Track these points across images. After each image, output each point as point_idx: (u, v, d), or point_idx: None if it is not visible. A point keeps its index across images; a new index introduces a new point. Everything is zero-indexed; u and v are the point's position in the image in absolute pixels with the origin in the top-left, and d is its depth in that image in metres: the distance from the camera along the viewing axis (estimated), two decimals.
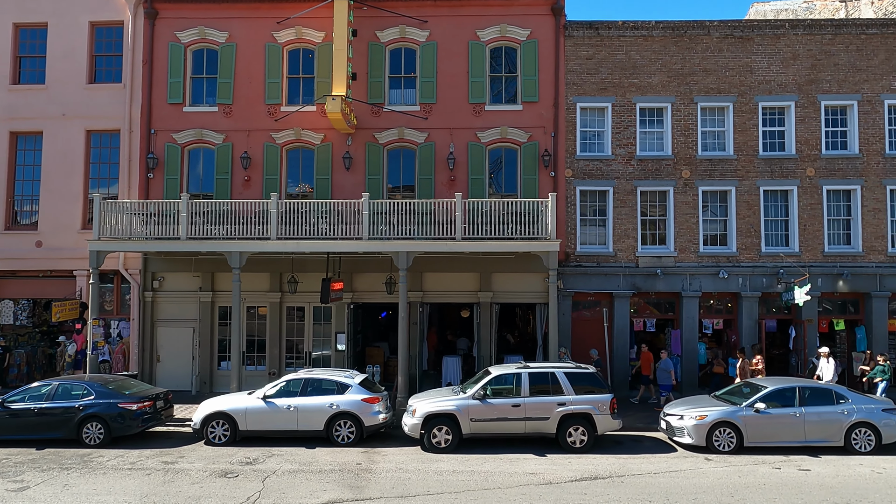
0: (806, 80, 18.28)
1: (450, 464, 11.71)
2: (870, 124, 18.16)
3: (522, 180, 18.42)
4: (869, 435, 12.38)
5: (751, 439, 12.46)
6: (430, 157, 18.50)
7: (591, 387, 12.83)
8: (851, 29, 18.23)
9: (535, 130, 18.47)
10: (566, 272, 18.10)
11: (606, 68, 18.48)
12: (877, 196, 18.07)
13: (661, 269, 17.98)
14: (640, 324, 18.60)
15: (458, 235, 15.54)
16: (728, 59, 18.37)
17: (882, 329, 17.91)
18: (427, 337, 21.86)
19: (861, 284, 17.91)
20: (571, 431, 12.57)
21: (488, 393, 12.77)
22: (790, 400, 12.65)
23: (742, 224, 18.16)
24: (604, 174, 18.40)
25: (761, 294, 18.00)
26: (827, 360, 15.39)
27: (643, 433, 14.20)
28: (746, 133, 18.29)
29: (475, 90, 18.54)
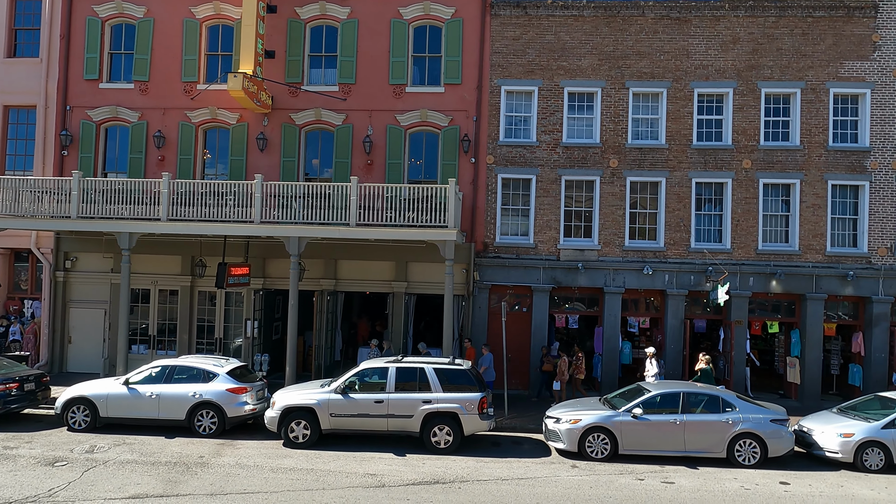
0: (746, 65, 17.11)
1: (296, 461, 11.10)
2: (813, 114, 16.95)
3: (442, 166, 17.62)
4: (754, 447, 11.46)
5: (626, 447, 11.62)
6: (347, 139, 17.77)
7: (462, 385, 12.08)
8: (797, 11, 16.98)
9: (457, 114, 17.62)
10: (484, 264, 17.31)
11: (534, 50, 17.52)
12: (817, 191, 16.90)
13: (584, 263, 17.07)
14: (562, 320, 17.74)
15: (353, 221, 14.83)
16: (663, 41, 17.27)
17: (817, 332, 16.81)
18: (358, 326, 21.41)
19: (797, 285, 16.80)
20: (436, 431, 11.87)
21: (353, 387, 12.11)
22: (673, 406, 11.76)
23: (671, 218, 17.14)
24: (527, 161, 17.49)
25: (688, 292, 17.00)
26: (650, 362, 15.14)
27: (531, 435, 13.43)
28: (680, 121, 17.22)
29: (396, 71, 17.73)
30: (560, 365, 15.22)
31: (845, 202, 17.01)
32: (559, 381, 15.19)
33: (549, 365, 15.91)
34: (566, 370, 15.24)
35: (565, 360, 15.24)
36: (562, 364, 15.20)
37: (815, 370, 16.82)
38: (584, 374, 15.74)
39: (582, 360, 15.78)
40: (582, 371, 15.65)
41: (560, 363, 15.23)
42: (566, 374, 15.25)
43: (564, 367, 15.20)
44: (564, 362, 15.21)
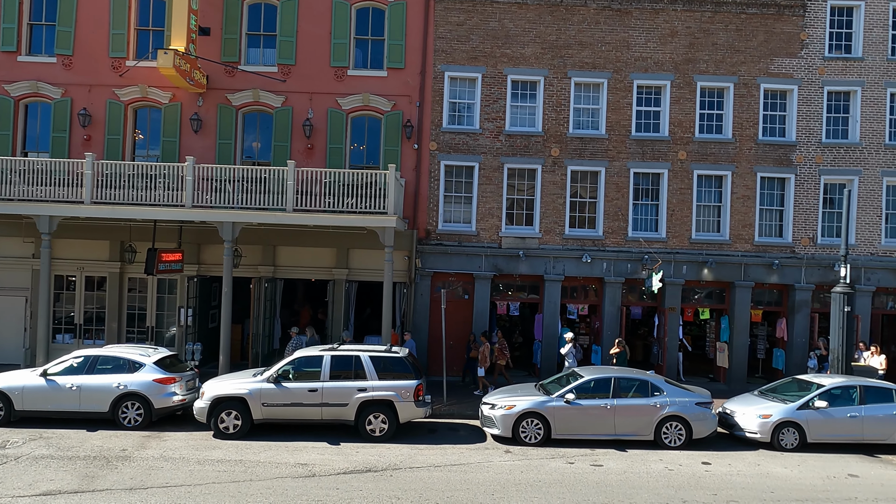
0: (683, 59, 17.52)
1: (225, 452, 10.81)
2: (745, 108, 17.54)
3: (384, 152, 17.37)
4: (680, 429, 11.87)
5: (559, 431, 11.83)
6: (286, 122, 17.28)
7: (398, 372, 12.01)
8: (731, 7, 17.47)
9: (399, 99, 17.38)
10: (426, 251, 17.22)
11: (478, 36, 17.42)
12: (747, 183, 17.54)
13: (525, 250, 17.22)
14: (504, 307, 17.89)
15: (290, 206, 14.46)
16: (605, 32, 17.48)
17: (744, 318, 17.53)
18: (300, 314, 21.02)
19: (726, 273, 17.45)
20: (371, 419, 11.78)
21: (287, 376, 11.86)
22: (604, 391, 12.03)
23: (610, 207, 17.47)
24: (471, 149, 17.45)
25: (625, 280, 17.41)
26: (568, 347, 15.53)
27: (468, 421, 13.50)
28: (620, 112, 17.51)
29: (338, 53, 17.31)
30: (482, 351, 15.32)
31: (773, 194, 17.73)
32: (482, 366, 15.31)
33: (475, 351, 16.00)
34: (488, 356, 15.36)
35: (487, 346, 15.37)
36: (484, 350, 15.31)
37: (742, 354, 17.56)
38: (506, 360, 15.88)
39: (505, 345, 15.92)
40: (504, 357, 15.79)
41: (482, 349, 15.32)
42: (489, 360, 15.38)
43: (486, 353, 15.32)
44: (487, 348, 15.34)
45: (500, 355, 15.77)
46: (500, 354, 15.77)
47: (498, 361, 15.79)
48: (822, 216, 17.65)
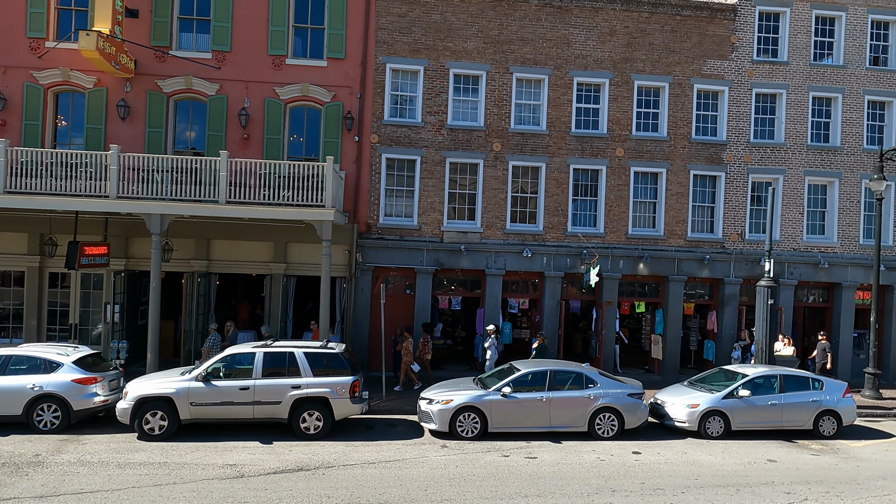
0: (621, 57, 17.88)
1: (149, 454, 10.34)
2: (679, 108, 18.08)
3: (324, 144, 17.00)
4: (612, 420, 12.14)
5: (496, 425, 11.90)
6: (221, 111, 16.67)
7: (334, 369, 11.78)
8: (667, 9, 17.94)
9: (340, 90, 17.04)
10: (367, 245, 16.99)
11: (420, 28, 17.26)
12: (681, 181, 18.10)
13: (466, 245, 17.23)
14: (446, 301, 17.87)
15: (222, 198, 13.95)
16: (546, 29, 17.63)
17: (677, 311, 18.12)
18: (238, 309, 20.39)
19: (661, 268, 17.98)
20: (305, 417, 11.52)
21: (217, 374, 11.45)
22: (540, 384, 12.17)
23: (550, 202, 17.69)
24: (412, 142, 17.30)
25: (564, 274, 17.69)
26: (486, 339, 15.82)
27: (407, 417, 13.41)
28: (560, 108, 17.73)
29: (276, 40, 16.80)
30: (405, 346, 15.25)
31: (704, 191, 18.37)
32: (403, 361, 15.26)
33: (401, 346, 15.92)
34: (410, 351, 15.30)
35: (410, 341, 15.32)
36: (407, 345, 15.24)
37: (675, 346, 18.15)
38: (430, 354, 15.94)
39: (429, 341, 15.94)
40: (429, 351, 15.82)
41: (406, 344, 15.25)
42: (410, 355, 15.32)
43: (410, 348, 15.26)
44: (410, 343, 15.28)
45: (426, 350, 15.74)
46: (425, 350, 15.74)
47: (424, 356, 15.79)
48: (750, 213, 18.41)
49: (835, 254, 18.55)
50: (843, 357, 18.62)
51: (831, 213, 18.67)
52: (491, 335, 15.79)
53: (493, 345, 15.77)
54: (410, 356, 15.27)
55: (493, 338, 15.81)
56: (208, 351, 14.08)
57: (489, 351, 15.73)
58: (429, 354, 15.95)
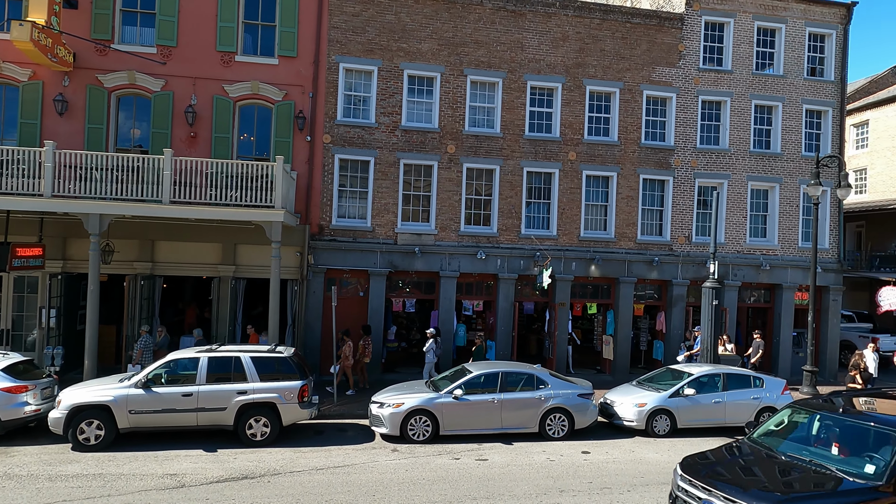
0: (574, 62, 18.15)
1: (84, 466, 9.85)
2: (629, 113, 18.47)
3: (275, 144, 16.64)
4: (563, 420, 12.26)
5: (447, 427, 11.84)
6: (166, 108, 16.11)
7: (282, 373, 11.51)
8: (618, 16, 18.33)
9: (292, 89, 16.72)
10: (319, 247, 16.71)
11: (374, 28, 17.11)
12: (631, 184, 18.49)
13: (421, 247, 17.15)
14: (400, 304, 17.74)
15: (166, 198, 13.47)
16: (500, 32, 17.74)
17: (628, 313, 18.49)
18: (185, 313, 19.77)
19: (612, 270, 18.31)
20: (252, 423, 11.21)
21: (159, 380, 11.02)
22: (492, 386, 12.19)
23: (504, 205, 17.79)
24: (366, 143, 17.12)
25: (518, 276, 17.81)
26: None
27: (358, 421, 13.21)
28: (514, 111, 17.86)
29: (225, 37, 16.36)
30: (344, 349, 14.97)
31: (654, 195, 18.82)
32: (343, 364, 14.96)
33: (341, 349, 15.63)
34: (350, 354, 15.04)
35: (349, 344, 15.01)
36: (346, 348, 14.96)
37: (625, 346, 18.51)
38: (369, 358, 15.71)
39: (370, 344, 15.70)
40: (368, 354, 15.58)
41: (344, 347, 14.98)
42: (350, 359, 15.05)
43: (348, 352, 14.98)
44: (349, 346, 14.99)
45: (365, 353, 15.54)
46: (364, 353, 15.55)
47: (363, 360, 15.58)
48: (696, 216, 18.96)
49: (776, 256, 19.29)
50: (783, 355, 19.38)
51: (772, 217, 19.41)
52: (430, 339, 15.74)
53: (432, 348, 15.72)
54: (349, 359, 15.00)
55: (432, 341, 15.75)
56: (140, 354, 13.61)
57: (428, 354, 15.70)
58: (367, 358, 15.65)
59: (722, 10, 18.98)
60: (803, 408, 8.37)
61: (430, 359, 15.79)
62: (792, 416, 8.42)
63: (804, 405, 8.45)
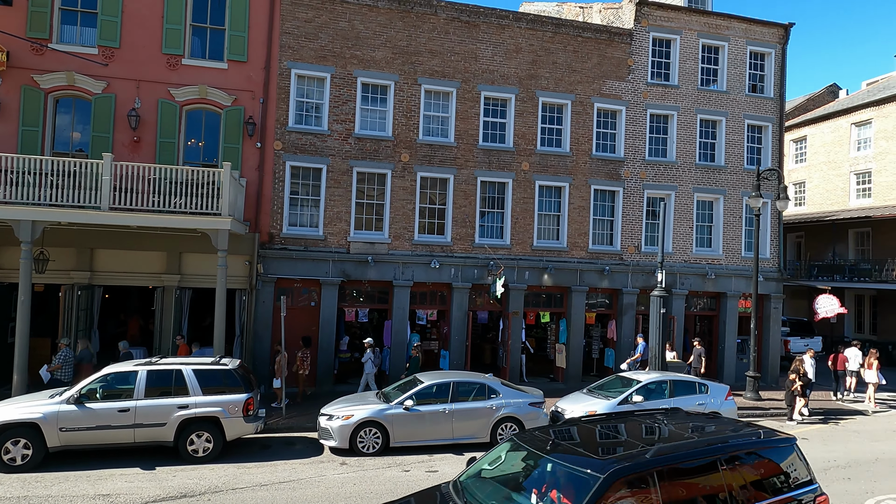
0: (527, 74, 18.39)
1: (8, 488, 9.25)
2: (581, 125, 18.82)
3: (224, 150, 16.22)
4: (514, 429, 12.25)
5: (398, 439, 11.68)
6: (108, 111, 15.51)
7: (227, 386, 11.13)
8: (569, 30, 18.69)
9: (241, 94, 16.35)
10: (269, 256, 16.33)
11: (327, 35, 16.94)
12: (582, 195, 18.80)
13: (374, 256, 16.97)
14: (352, 314, 17.48)
15: (105, 204, 12.91)
16: (455, 43, 17.84)
17: (580, 321, 18.74)
18: (128, 325, 19.02)
19: (564, 279, 18.53)
20: (194, 438, 10.79)
21: (93, 395, 10.49)
22: (443, 396, 12.09)
23: (458, 214, 17.80)
24: (318, 150, 16.88)
25: (472, 285, 17.82)
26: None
27: (308, 434, 12.88)
28: (468, 121, 17.95)
29: (171, 39, 15.90)
30: (279, 360, 14.61)
31: (604, 205, 19.18)
32: (279, 377, 14.54)
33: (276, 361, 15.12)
34: (285, 366, 14.63)
35: (284, 355, 14.58)
36: (280, 360, 14.59)
37: (577, 355, 18.73)
38: (308, 370, 15.28)
39: (308, 356, 15.28)
40: (306, 367, 15.18)
41: (279, 359, 14.63)
42: (285, 370, 14.66)
43: (283, 364, 14.60)
44: (284, 357, 14.57)
45: (303, 366, 15.11)
46: (302, 365, 15.13)
47: (301, 372, 15.12)
48: (645, 227, 19.41)
49: (720, 265, 19.91)
50: (728, 361, 19.98)
51: (717, 228, 20.06)
52: (368, 349, 15.51)
53: (370, 359, 15.47)
54: (284, 371, 14.61)
55: (370, 352, 15.50)
56: (59, 367, 12.94)
57: (367, 365, 15.46)
58: (306, 370, 15.21)
59: (669, 27, 19.60)
60: (521, 442, 6.70)
61: (368, 369, 15.49)
62: (509, 453, 6.79)
63: (522, 439, 6.80)
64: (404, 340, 17.31)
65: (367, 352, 15.60)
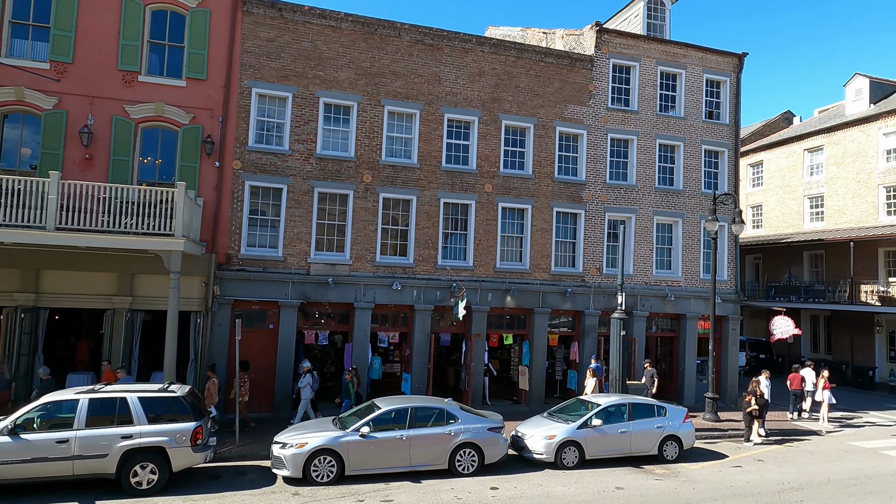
0: (490, 97, 18.56)
1: None
2: (543, 148, 19.02)
3: (180, 168, 15.86)
4: (473, 455, 12.09)
5: (353, 467, 11.38)
6: (59, 127, 15.04)
7: (175, 414, 10.72)
8: (532, 55, 18.98)
9: (200, 112, 16.07)
10: (226, 277, 15.94)
11: (289, 55, 16.83)
12: (545, 217, 18.94)
13: (335, 277, 16.73)
14: (312, 336, 17.15)
15: (51, 224, 12.43)
16: (418, 65, 17.91)
17: (542, 343, 18.74)
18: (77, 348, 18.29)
19: (527, 301, 18.55)
20: (137, 470, 10.32)
21: (30, 425, 9.96)
22: (401, 422, 11.87)
23: (421, 235, 17.72)
24: (279, 170, 16.65)
25: (434, 307, 17.69)
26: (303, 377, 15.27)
27: (261, 462, 12.48)
28: (431, 143, 17.97)
29: (127, 55, 15.57)
30: (209, 387, 14.19)
31: (566, 227, 19.36)
32: (210, 404, 14.05)
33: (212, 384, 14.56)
34: (215, 393, 14.23)
35: (213, 381, 14.09)
36: (210, 386, 14.18)
37: (540, 377, 18.70)
38: (247, 396, 14.69)
39: (247, 382, 14.68)
40: (246, 393, 14.58)
41: (209, 385, 14.21)
42: (215, 397, 14.23)
43: (214, 390, 14.19)
44: (214, 384, 14.12)
45: (242, 392, 14.45)
46: (242, 392, 14.43)
47: (241, 399, 14.38)
48: (607, 249, 19.63)
49: (680, 287, 20.23)
50: (688, 382, 20.20)
51: (676, 250, 20.41)
52: (305, 373, 15.07)
53: (309, 383, 14.99)
54: (213, 398, 14.13)
55: (308, 376, 15.03)
56: None
57: (304, 391, 14.96)
58: (245, 396, 14.58)
59: (628, 54, 20.07)
60: None
61: (306, 395, 14.96)
62: None
63: None
64: (366, 363, 17.03)
65: (306, 376, 15.04)
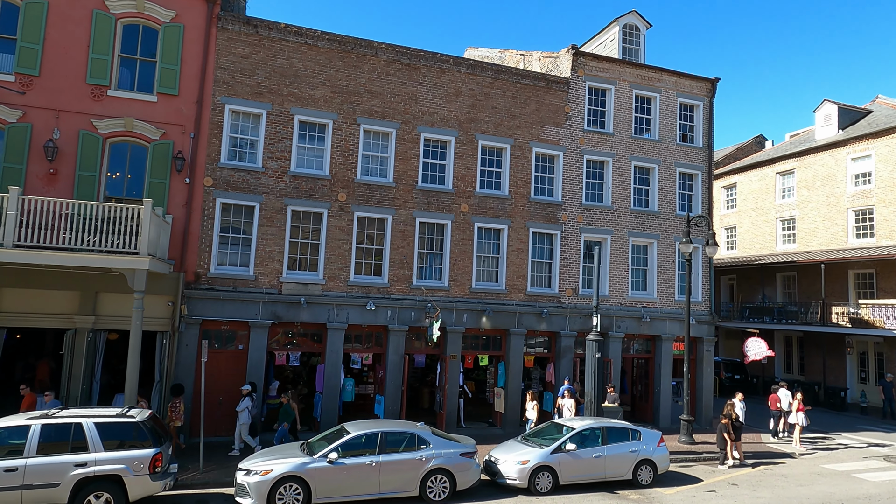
0: (467, 117, 18.57)
1: None
2: (519, 169, 19.04)
3: (149, 185, 15.50)
4: (444, 482, 11.78)
5: (320, 495, 11.00)
6: (23, 141, 14.63)
7: (133, 441, 10.28)
8: (508, 76, 19.08)
9: (171, 128, 15.77)
10: (195, 296, 15.53)
11: (264, 72, 16.66)
12: (521, 237, 18.89)
13: (307, 297, 16.40)
14: (283, 357, 16.75)
15: (9, 241, 11.98)
16: (395, 84, 17.87)
17: (518, 364, 18.56)
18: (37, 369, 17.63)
19: (503, 321, 18.40)
20: (91, 500, 9.84)
21: None
22: (371, 447, 11.55)
23: (396, 255, 17.52)
24: (252, 188, 16.37)
25: (409, 328, 17.43)
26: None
27: (226, 490, 12.01)
28: (407, 162, 17.86)
29: (97, 69, 15.26)
30: (171, 409, 13.78)
31: (543, 248, 19.32)
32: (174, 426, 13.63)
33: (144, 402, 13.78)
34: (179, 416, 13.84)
35: (143, 403, 13.42)
36: (172, 408, 13.78)
37: (516, 398, 18.47)
38: (181, 422, 14.11)
39: (179, 405, 14.16)
40: (178, 418, 14.04)
41: (171, 407, 13.81)
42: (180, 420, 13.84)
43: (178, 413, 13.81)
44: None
45: (175, 417, 13.97)
46: (174, 416, 13.97)
47: (173, 423, 13.87)
48: (583, 269, 19.62)
49: (655, 308, 20.26)
50: (663, 404, 20.14)
51: (651, 272, 20.49)
52: (245, 396, 14.40)
53: (247, 407, 14.32)
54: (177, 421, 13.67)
55: (247, 399, 14.38)
56: None
57: (242, 415, 14.28)
58: (179, 421, 14.04)
59: (604, 77, 20.29)
60: None
61: (243, 419, 14.26)
62: None
63: None
64: (337, 385, 16.67)
65: (245, 399, 14.36)
